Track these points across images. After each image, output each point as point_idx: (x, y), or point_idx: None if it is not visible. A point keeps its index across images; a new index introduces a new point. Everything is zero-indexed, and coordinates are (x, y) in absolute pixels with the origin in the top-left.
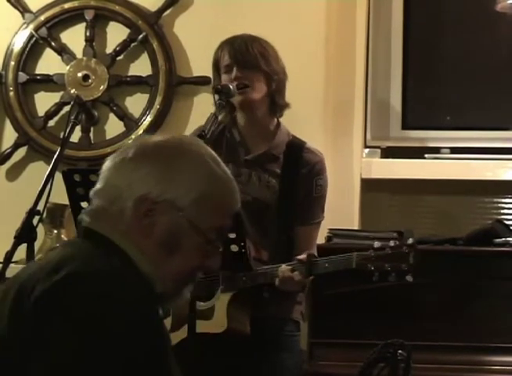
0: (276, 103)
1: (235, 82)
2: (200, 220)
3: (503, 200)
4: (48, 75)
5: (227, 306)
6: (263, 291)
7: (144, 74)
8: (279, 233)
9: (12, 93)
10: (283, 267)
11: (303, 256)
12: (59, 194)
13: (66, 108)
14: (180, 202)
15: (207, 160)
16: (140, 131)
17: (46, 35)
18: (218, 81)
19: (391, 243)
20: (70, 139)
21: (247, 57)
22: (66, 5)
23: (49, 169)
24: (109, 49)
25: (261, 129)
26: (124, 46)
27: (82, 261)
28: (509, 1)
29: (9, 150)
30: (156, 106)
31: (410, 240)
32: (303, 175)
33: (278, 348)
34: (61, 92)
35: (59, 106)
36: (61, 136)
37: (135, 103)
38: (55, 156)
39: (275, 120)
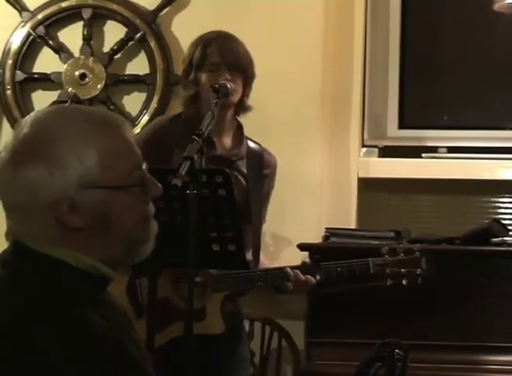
0: (243, 105)
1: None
2: (114, 178)
3: (501, 200)
4: (45, 74)
5: (220, 307)
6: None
7: (141, 73)
8: (250, 230)
9: (9, 92)
10: (294, 271)
11: (307, 260)
12: None
13: None
14: (88, 178)
15: (75, 121)
16: (137, 129)
17: (44, 34)
18: (193, 76)
19: (400, 249)
20: None
21: (237, 59)
22: (64, 4)
23: None
24: (106, 48)
25: (227, 128)
26: (121, 45)
27: (16, 302)
28: (506, 1)
29: None
30: (154, 104)
31: (418, 246)
32: (266, 176)
33: (239, 341)
34: (58, 91)
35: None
36: None
37: (133, 101)
38: None
39: (237, 120)
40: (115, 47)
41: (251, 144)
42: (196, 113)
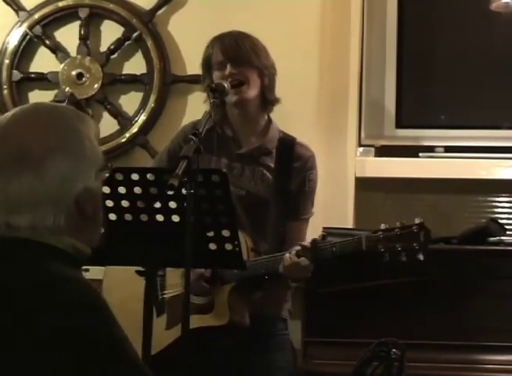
0: (267, 99)
1: (229, 79)
2: (98, 169)
3: (497, 199)
4: (42, 73)
5: (228, 298)
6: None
7: (138, 73)
8: (276, 225)
9: (6, 91)
10: (288, 253)
11: (306, 243)
12: None
13: None
14: (99, 164)
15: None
16: (134, 129)
17: (40, 33)
18: (209, 79)
19: (398, 223)
20: None
21: (239, 53)
22: (61, 4)
23: None
24: (103, 48)
25: (253, 125)
26: (118, 44)
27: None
28: (503, 1)
29: None
30: (151, 104)
31: (417, 220)
32: (296, 169)
33: (270, 347)
34: (55, 91)
35: None
36: None
37: (130, 101)
38: None
39: (266, 115)
40: (112, 46)
41: (283, 137)
42: (222, 115)
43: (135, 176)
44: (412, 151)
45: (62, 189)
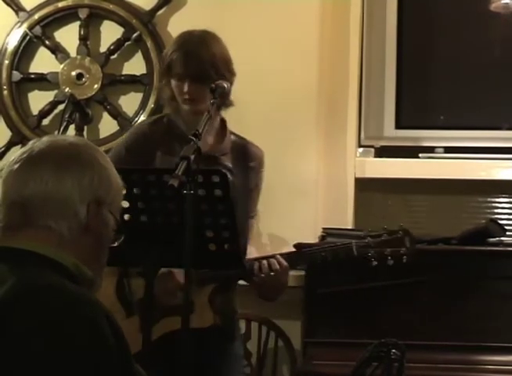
0: (224, 104)
1: (186, 96)
2: (115, 208)
3: (497, 200)
4: (42, 74)
5: (209, 300)
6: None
7: (138, 73)
8: (242, 224)
9: (6, 92)
10: (277, 258)
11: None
12: None
13: (60, 107)
14: (118, 198)
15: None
16: None
17: (40, 34)
18: (167, 80)
19: (383, 230)
20: None
21: (199, 71)
22: (60, 4)
23: None
24: (103, 48)
25: (209, 126)
26: (118, 45)
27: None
28: (502, 1)
29: (2, 149)
30: (150, 105)
31: (401, 225)
32: (252, 168)
33: (232, 338)
34: (55, 91)
35: (52, 105)
36: None
37: (129, 101)
38: None
39: (220, 116)
40: (112, 47)
41: (235, 138)
42: (176, 114)
43: (134, 177)
44: (411, 152)
45: (75, 196)
